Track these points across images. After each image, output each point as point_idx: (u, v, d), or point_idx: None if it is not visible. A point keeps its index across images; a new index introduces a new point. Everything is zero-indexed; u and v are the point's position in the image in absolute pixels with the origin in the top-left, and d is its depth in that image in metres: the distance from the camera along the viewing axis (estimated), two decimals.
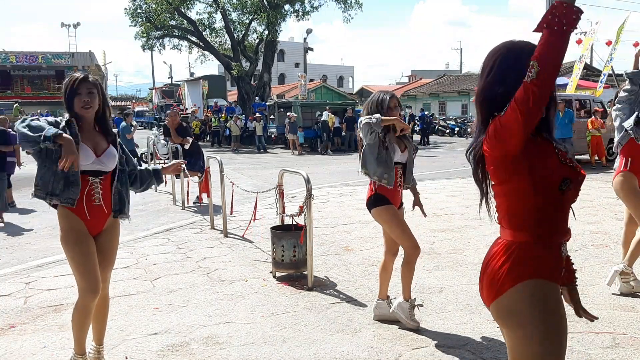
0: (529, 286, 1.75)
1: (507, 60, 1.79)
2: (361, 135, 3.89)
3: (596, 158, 15.02)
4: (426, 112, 28.82)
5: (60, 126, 2.98)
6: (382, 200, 3.92)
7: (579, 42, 20.15)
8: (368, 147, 3.89)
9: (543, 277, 1.76)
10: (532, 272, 1.75)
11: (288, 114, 23.13)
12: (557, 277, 1.81)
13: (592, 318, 1.97)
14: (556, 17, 1.57)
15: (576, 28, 1.63)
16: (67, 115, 3.09)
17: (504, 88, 1.77)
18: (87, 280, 3.05)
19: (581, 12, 1.59)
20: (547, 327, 1.73)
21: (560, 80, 22.23)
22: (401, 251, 4.05)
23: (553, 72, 1.61)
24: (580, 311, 1.96)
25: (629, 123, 4.29)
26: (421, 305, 4.10)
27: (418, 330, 3.91)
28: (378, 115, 3.79)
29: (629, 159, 4.38)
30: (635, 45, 17.24)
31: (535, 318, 1.73)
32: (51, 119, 3.08)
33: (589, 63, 27.48)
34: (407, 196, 4.17)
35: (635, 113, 4.28)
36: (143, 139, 16.55)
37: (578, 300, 1.96)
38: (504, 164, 1.78)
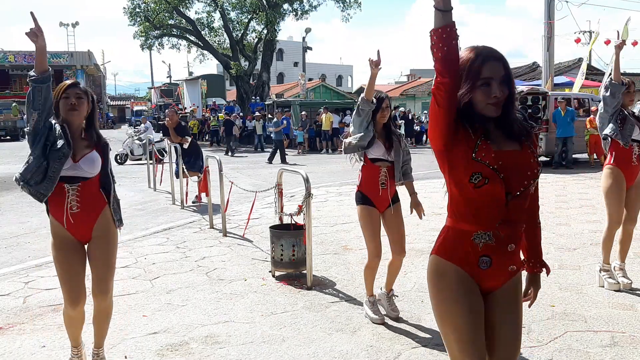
0: (431, 259, 2.08)
1: (463, 69, 1.91)
2: (351, 129, 4.03)
3: (595, 157, 15.01)
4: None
5: (58, 128, 2.99)
6: (362, 199, 4.03)
7: (578, 40, 20.16)
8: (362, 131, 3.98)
9: (442, 256, 2.03)
10: (436, 249, 2.07)
11: (302, 112, 23.12)
12: (461, 261, 1.99)
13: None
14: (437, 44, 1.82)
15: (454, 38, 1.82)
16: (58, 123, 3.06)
17: (462, 95, 1.93)
18: (65, 288, 3.08)
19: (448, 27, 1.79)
20: (435, 298, 2.06)
21: (559, 79, 22.24)
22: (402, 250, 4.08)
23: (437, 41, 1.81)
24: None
25: (610, 131, 4.57)
26: (379, 301, 4.24)
27: (384, 323, 4.03)
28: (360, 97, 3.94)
29: (614, 153, 4.63)
30: (634, 44, 17.26)
31: (428, 285, 2.09)
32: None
33: (588, 62, 27.45)
34: (406, 196, 4.18)
35: (610, 125, 4.56)
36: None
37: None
38: (438, 157, 2.03)
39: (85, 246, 3.17)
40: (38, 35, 2.80)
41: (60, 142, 2.97)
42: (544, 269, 2.20)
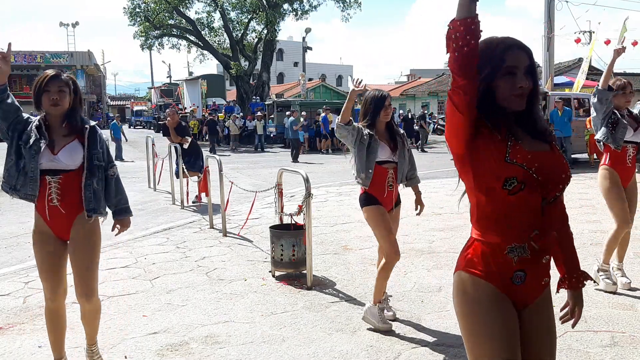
0: (458, 276, 1.86)
1: (484, 55, 1.71)
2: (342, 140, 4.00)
3: (595, 157, 15.02)
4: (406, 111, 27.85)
5: (33, 125, 2.96)
6: (370, 200, 3.93)
7: (578, 41, 20.14)
8: (354, 148, 3.97)
9: (470, 273, 1.81)
10: (464, 265, 1.84)
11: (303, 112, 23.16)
12: (492, 277, 1.79)
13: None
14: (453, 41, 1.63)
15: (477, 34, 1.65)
16: (39, 116, 3.02)
17: (479, 80, 1.74)
18: (43, 279, 3.06)
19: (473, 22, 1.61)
20: (465, 319, 1.83)
21: (559, 79, 22.26)
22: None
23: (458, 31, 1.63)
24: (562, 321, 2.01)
25: (602, 135, 4.64)
26: (390, 307, 4.11)
27: (390, 331, 3.88)
28: (337, 119, 3.92)
29: (608, 154, 4.70)
30: (634, 44, 17.24)
31: (456, 305, 1.86)
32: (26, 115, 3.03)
33: (588, 62, 27.44)
34: (409, 195, 4.19)
35: (602, 129, 4.63)
36: (142, 137, 16.53)
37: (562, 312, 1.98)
38: (457, 162, 1.83)
39: (68, 243, 3.09)
40: (3, 63, 2.79)
41: (32, 139, 2.92)
42: (587, 281, 1.96)
